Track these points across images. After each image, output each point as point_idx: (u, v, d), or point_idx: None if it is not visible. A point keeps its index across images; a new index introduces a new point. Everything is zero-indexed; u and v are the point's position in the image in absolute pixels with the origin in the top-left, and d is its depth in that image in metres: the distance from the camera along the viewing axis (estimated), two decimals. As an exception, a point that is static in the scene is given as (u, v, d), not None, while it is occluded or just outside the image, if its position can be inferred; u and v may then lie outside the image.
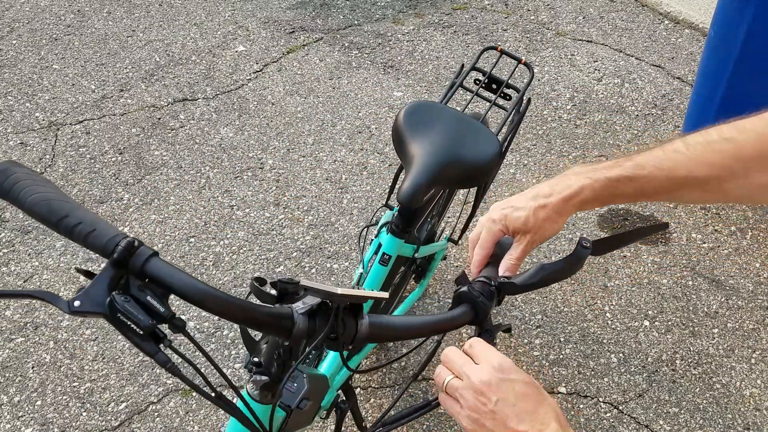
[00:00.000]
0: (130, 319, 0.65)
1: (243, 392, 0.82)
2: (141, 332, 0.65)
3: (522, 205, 0.84)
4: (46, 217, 0.70)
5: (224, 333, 2.07)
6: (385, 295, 0.72)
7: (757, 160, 0.71)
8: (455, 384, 0.70)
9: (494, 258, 0.88)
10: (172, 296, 0.69)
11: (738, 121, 0.74)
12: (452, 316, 0.80)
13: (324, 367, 1.41)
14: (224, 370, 1.98)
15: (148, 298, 0.67)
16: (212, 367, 0.84)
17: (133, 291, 0.67)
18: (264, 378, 0.79)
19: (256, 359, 0.79)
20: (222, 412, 1.79)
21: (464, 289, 0.82)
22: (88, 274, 0.68)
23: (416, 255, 1.55)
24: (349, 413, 1.32)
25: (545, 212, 0.83)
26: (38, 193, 0.71)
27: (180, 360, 0.70)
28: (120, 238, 0.68)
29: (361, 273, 1.49)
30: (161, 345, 0.67)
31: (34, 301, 2.12)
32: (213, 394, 0.71)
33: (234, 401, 0.78)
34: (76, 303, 0.64)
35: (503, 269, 0.85)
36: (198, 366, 0.71)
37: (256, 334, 0.83)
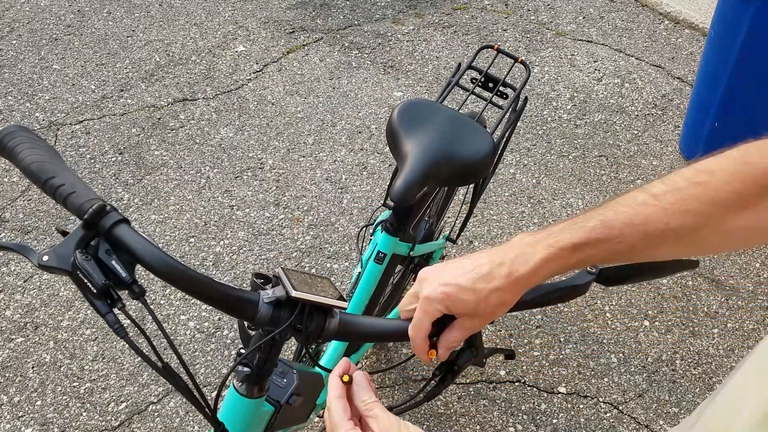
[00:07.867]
0: (87, 278, 0.67)
1: (230, 386, 0.81)
2: (95, 291, 0.67)
3: (469, 286, 0.71)
4: (36, 176, 0.74)
5: (224, 333, 2.07)
6: (345, 304, 0.72)
7: (734, 202, 0.67)
8: None
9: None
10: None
11: (699, 163, 0.70)
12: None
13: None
14: (222, 370, 1.98)
15: (113, 262, 0.69)
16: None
17: (101, 254, 0.70)
18: (246, 369, 0.79)
19: (242, 350, 0.79)
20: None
21: None
22: (65, 234, 0.71)
23: (412, 253, 1.55)
24: None
25: (499, 296, 0.71)
26: (34, 155, 0.75)
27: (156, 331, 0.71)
28: (95, 201, 0.71)
29: (359, 272, 1.49)
30: (116, 307, 0.69)
31: (34, 301, 2.12)
32: (160, 364, 0.71)
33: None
34: (45, 258, 0.69)
35: (443, 349, 0.75)
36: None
37: (252, 329, 0.84)
